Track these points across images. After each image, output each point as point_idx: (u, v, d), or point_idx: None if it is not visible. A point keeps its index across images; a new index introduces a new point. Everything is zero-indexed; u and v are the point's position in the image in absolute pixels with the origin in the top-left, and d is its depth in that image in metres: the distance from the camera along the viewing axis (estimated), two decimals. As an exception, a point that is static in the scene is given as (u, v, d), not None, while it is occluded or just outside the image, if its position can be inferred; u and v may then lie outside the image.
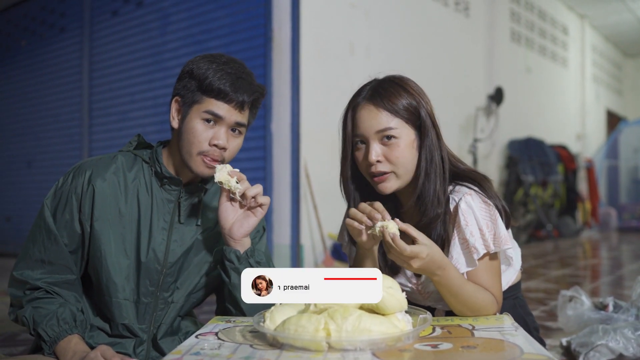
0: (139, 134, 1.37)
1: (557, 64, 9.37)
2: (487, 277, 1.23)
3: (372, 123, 1.24)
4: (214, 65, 1.23)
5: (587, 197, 9.28)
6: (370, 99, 1.26)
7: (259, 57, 4.42)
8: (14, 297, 1.28)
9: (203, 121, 1.23)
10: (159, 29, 5.25)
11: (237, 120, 1.25)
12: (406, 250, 1.09)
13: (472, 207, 1.23)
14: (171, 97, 1.31)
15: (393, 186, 1.26)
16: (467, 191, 1.25)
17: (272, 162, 4.33)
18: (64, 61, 6.32)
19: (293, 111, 4.27)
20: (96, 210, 1.25)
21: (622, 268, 5.06)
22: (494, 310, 1.22)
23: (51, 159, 6.36)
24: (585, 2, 9.59)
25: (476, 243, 1.21)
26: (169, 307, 1.31)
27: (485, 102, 6.82)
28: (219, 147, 1.23)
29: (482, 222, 1.22)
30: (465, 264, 1.23)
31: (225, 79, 1.22)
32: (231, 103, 1.23)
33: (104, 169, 1.28)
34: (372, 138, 1.25)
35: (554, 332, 2.48)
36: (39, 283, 1.25)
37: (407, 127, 1.25)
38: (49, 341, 1.20)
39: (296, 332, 0.91)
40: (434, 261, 1.13)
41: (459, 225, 1.23)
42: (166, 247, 1.28)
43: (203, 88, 1.22)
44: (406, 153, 1.25)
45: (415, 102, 1.26)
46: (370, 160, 1.24)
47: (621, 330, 1.89)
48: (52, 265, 1.26)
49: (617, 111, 12.71)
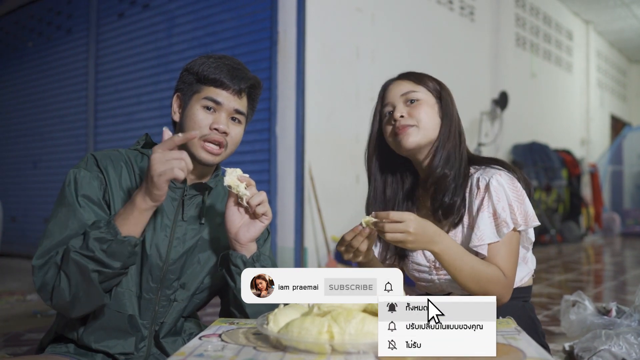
0: (147, 133, 1.39)
1: (561, 69, 9.37)
2: (504, 254, 1.28)
3: (398, 89, 1.39)
4: (210, 60, 1.30)
5: (591, 202, 9.26)
6: (399, 77, 1.43)
7: (264, 60, 4.44)
8: (40, 266, 1.16)
9: (203, 108, 1.28)
10: (165, 32, 5.27)
11: (235, 107, 1.30)
12: (395, 218, 1.16)
13: (503, 185, 1.31)
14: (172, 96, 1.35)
15: (415, 139, 1.35)
16: (496, 171, 1.33)
17: (277, 165, 4.34)
18: (71, 62, 6.35)
19: (298, 114, 4.29)
20: (110, 196, 1.25)
21: (625, 273, 5.05)
22: (503, 289, 1.25)
23: (57, 160, 6.38)
24: (591, 8, 9.58)
25: (507, 218, 1.28)
26: (171, 306, 1.31)
27: (490, 107, 6.82)
28: (220, 132, 1.27)
29: (513, 199, 1.30)
30: (490, 235, 1.29)
31: (222, 69, 1.28)
32: (229, 90, 1.28)
33: (115, 159, 1.29)
34: (397, 102, 1.38)
35: (556, 337, 2.48)
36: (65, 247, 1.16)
37: (429, 94, 1.39)
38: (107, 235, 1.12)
39: (299, 335, 0.91)
40: (426, 233, 1.19)
41: (491, 199, 1.30)
42: (169, 244, 1.29)
43: (201, 79, 1.28)
44: (428, 111, 1.37)
45: (438, 86, 1.41)
46: (395, 116, 1.36)
47: (624, 336, 1.88)
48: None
49: (622, 117, 12.68)
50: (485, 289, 1.24)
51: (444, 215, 1.35)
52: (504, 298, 1.27)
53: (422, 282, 1.45)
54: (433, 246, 1.21)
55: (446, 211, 1.35)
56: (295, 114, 4.29)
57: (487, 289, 1.24)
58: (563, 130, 9.27)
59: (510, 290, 1.28)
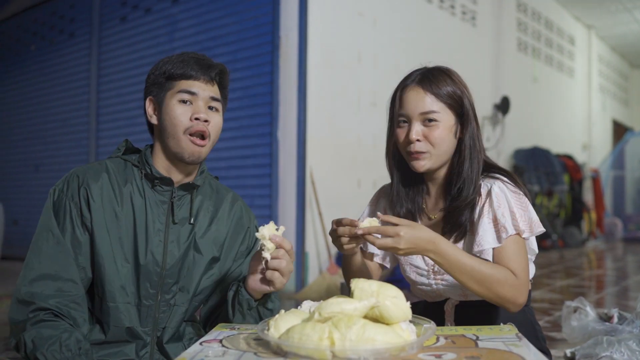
0: (127, 139, 1.39)
1: (563, 73, 9.37)
2: (511, 255, 1.27)
3: (418, 105, 1.33)
4: (174, 58, 1.33)
5: (593, 207, 9.24)
6: (419, 82, 1.35)
7: (266, 64, 4.45)
8: (16, 322, 1.18)
9: (179, 102, 1.29)
10: (167, 35, 5.29)
11: (210, 95, 1.32)
12: (388, 232, 1.16)
13: (505, 192, 1.31)
14: (144, 102, 1.36)
15: (426, 165, 1.34)
16: (498, 178, 1.34)
17: (278, 169, 4.34)
18: (73, 66, 6.36)
19: (299, 118, 4.29)
20: (94, 215, 1.24)
21: (627, 279, 5.04)
22: (516, 290, 1.23)
23: (59, 163, 6.39)
24: (592, 13, 9.59)
25: (506, 223, 1.27)
26: (171, 310, 1.31)
27: (492, 112, 6.82)
28: (201, 120, 1.28)
29: (514, 206, 1.29)
30: (490, 240, 1.28)
31: (188, 62, 1.31)
32: (200, 79, 1.30)
33: (96, 174, 1.28)
34: (415, 118, 1.33)
35: (558, 343, 2.47)
36: (47, 303, 1.17)
37: (449, 113, 1.34)
38: None
39: (300, 341, 0.91)
40: (420, 238, 1.18)
41: (491, 206, 1.30)
42: (164, 249, 1.29)
43: (171, 76, 1.30)
44: (444, 136, 1.33)
45: (459, 91, 1.35)
46: (411, 138, 1.32)
47: (626, 342, 1.88)
48: (60, 280, 1.20)
49: (624, 121, 12.67)
50: (494, 291, 1.22)
51: (458, 236, 1.35)
52: (518, 299, 1.24)
53: (420, 286, 1.44)
54: (429, 254, 1.21)
55: (459, 227, 1.34)
56: (296, 118, 4.30)
57: (496, 291, 1.22)
58: (565, 135, 9.26)
59: (525, 291, 1.25)
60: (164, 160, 1.32)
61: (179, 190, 1.32)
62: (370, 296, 0.97)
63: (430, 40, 5.79)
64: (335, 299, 0.98)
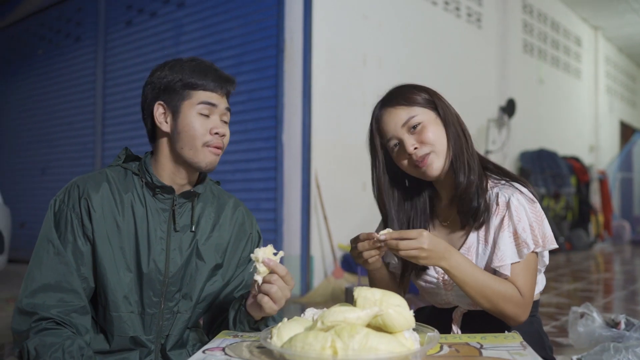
0: (126, 147, 1.39)
1: (570, 75, 9.33)
2: (521, 273, 1.28)
3: (396, 120, 1.33)
4: (185, 64, 1.32)
5: (600, 209, 9.19)
6: (386, 103, 1.36)
7: (270, 67, 4.45)
8: (19, 332, 1.19)
9: (199, 115, 1.28)
10: (173, 39, 5.30)
11: (226, 106, 1.33)
12: (409, 235, 1.18)
13: (524, 204, 1.29)
14: (142, 107, 1.35)
15: (437, 165, 1.33)
16: (517, 189, 1.32)
17: (283, 172, 4.34)
18: (79, 70, 6.40)
19: (304, 122, 4.29)
20: (95, 225, 1.24)
21: (635, 282, 5.00)
22: (519, 308, 1.24)
23: (65, 167, 6.43)
24: (599, 14, 9.55)
25: (527, 239, 1.27)
26: (175, 317, 1.31)
27: (497, 114, 6.80)
28: (220, 135, 1.29)
29: (533, 220, 1.29)
30: (511, 255, 1.28)
31: (206, 72, 1.30)
32: (218, 91, 1.31)
33: (97, 183, 1.27)
34: (401, 133, 1.33)
35: (564, 349, 2.45)
36: (49, 313, 1.18)
37: (426, 110, 1.34)
38: None
39: (303, 350, 0.91)
40: (437, 249, 1.20)
41: (511, 219, 1.29)
42: (166, 257, 1.29)
43: (190, 85, 1.29)
44: (435, 130, 1.33)
45: (428, 94, 1.36)
46: (408, 150, 1.32)
47: (633, 349, 1.86)
48: (61, 291, 1.20)
49: (631, 123, 12.61)
50: (498, 307, 1.24)
51: (474, 219, 1.34)
52: (520, 317, 1.26)
53: (429, 293, 1.43)
54: (443, 262, 1.22)
55: (475, 215, 1.34)
56: (301, 122, 4.29)
57: (500, 306, 1.24)
58: (571, 136, 9.22)
59: (527, 310, 1.27)
60: (170, 165, 1.31)
61: (180, 198, 1.32)
62: (374, 305, 0.96)
63: (436, 43, 5.78)
64: (339, 307, 0.97)
